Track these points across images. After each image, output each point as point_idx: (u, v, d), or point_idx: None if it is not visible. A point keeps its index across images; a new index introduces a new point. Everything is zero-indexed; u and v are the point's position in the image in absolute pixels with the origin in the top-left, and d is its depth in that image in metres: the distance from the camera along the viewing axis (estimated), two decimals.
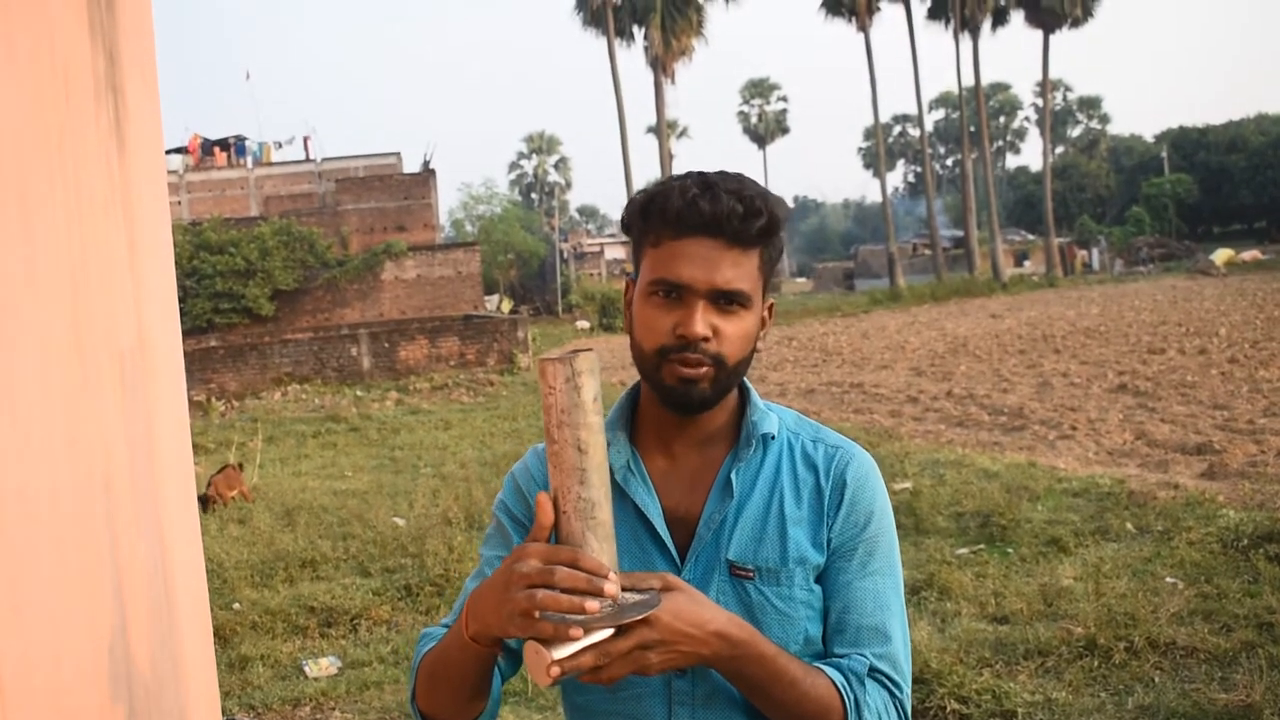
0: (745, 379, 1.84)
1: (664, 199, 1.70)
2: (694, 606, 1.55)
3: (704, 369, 1.68)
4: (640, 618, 1.48)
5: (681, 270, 1.67)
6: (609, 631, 1.46)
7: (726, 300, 1.68)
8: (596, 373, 1.49)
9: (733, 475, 1.77)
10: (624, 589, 1.52)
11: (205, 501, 11.57)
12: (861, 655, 1.73)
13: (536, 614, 1.45)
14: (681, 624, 1.53)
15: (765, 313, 1.80)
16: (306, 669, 6.71)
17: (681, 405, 1.72)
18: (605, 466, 1.51)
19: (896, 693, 1.74)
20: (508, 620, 1.48)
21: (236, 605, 7.92)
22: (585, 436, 1.47)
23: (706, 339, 1.67)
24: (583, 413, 1.47)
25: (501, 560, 1.73)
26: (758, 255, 1.72)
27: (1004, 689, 5.31)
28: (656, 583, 1.55)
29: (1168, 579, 6.90)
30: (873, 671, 1.72)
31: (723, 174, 1.72)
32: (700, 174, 1.72)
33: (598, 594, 1.44)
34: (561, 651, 1.43)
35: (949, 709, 5.24)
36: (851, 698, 1.67)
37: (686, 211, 1.67)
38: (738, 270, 1.68)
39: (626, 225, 1.79)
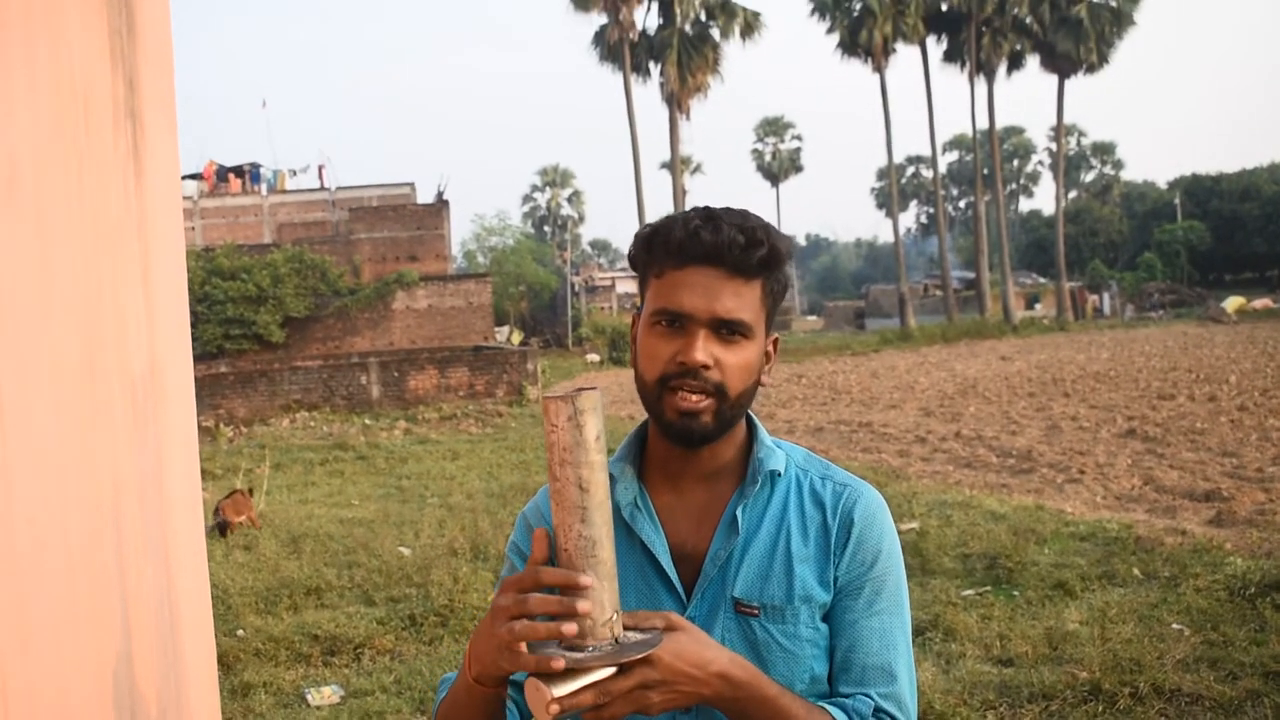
0: (753, 415, 1.86)
1: (667, 230, 1.73)
2: (696, 647, 1.55)
3: (705, 400, 1.69)
4: (641, 656, 1.48)
5: (683, 299, 1.69)
6: (610, 670, 1.46)
7: (728, 330, 1.70)
8: (599, 411, 1.50)
9: (739, 512, 1.78)
10: (627, 628, 1.53)
11: (224, 528, 11.57)
12: (867, 695, 1.72)
13: (520, 647, 1.46)
14: (683, 664, 1.53)
15: (770, 347, 1.82)
16: (309, 697, 6.69)
17: (684, 439, 1.73)
18: (608, 505, 1.51)
19: None
20: (498, 656, 1.49)
21: (240, 632, 7.91)
22: (587, 475, 1.48)
23: (707, 366, 1.68)
24: (585, 451, 1.47)
25: None
26: (760, 287, 1.73)
27: None
28: (660, 622, 1.55)
29: (1174, 625, 6.87)
30: (877, 712, 1.72)
31: (727, 209, 1.74)
32: (705, 207, 1.75)
33: (570, 613, 1.44)
34: (561, 689, 1.43)
35: None
36: None
37: (689, 242, 1.69)
38: (739, 300, 1.70)
39: (633, 259, 1.81)
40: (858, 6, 50.40)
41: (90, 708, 1.68)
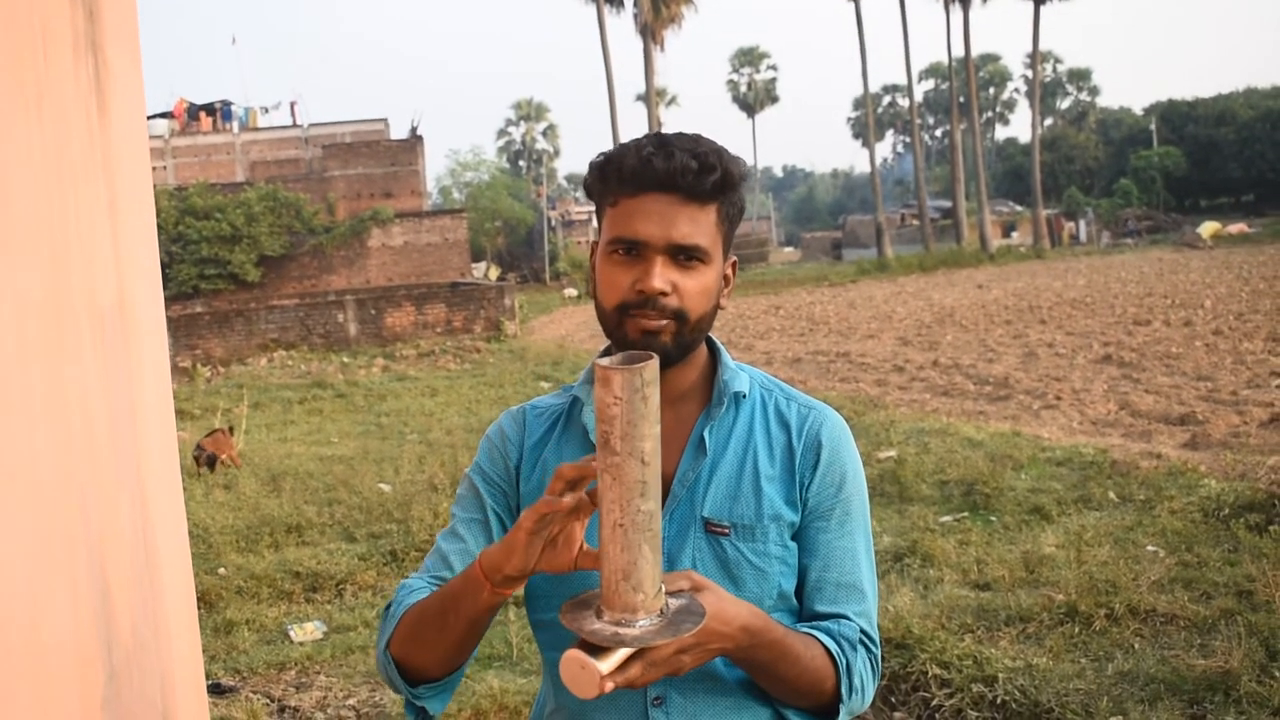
0: (715, 339, 1.87)
1: (620, 159, 1.72)
2: (724, 605, 1.58)
3: (664, 323, 1.69)
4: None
5: (638, 227, 1.69)
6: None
7: (685, 256, 1.70)
8: (658, 383, 1.44)
9: (706, 433, 1.80)
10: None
11: (212, 462, 11.55)
12: (849, 619, 1.78)
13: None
14: (717, 624, 1.55)
15: (728, 270, 1.82)
16: (291, 634, 6.73)
17: None
18: (660, 477, 1.47)
19: (873, 648, 1.81)
20: (524, 548, 1.53)
21: (222, 570, 7.93)
22: (648, 448, 1.43)
23: (665, 293, 1.68)
24: (648, 424, 1.42)
25: (474, 523, 1.82)
26: (715, 211, 1.73)
27: (985, 655, 5.34)
28: (685, 583, 1.57)
29: (1149, 547, 6.95)
30: (860, 635, 1.78)
31: (679, 134, 1.74)
32: (657, 134, 1.74)
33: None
34: (608, 664, 1.43)
35: (930, 674, 5.28)
36: (844, 663, 1.74)
37: (641, 169, 1.69)
38: (695, 225, 1.70)
39: (588, 188, 1.81)
40: None
41: (65, 644, 1.67)
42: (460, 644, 1.69)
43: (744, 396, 1.84)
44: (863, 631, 1.79)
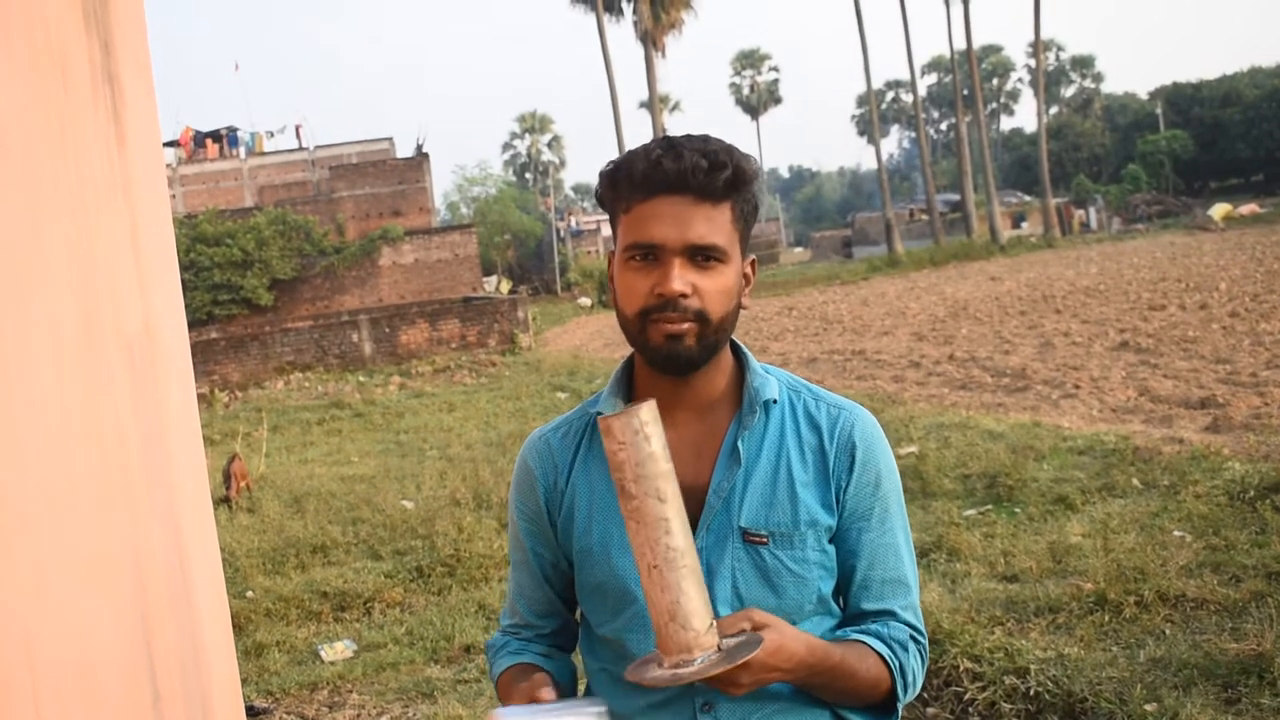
0: (742, 345, 1.86)
1: (630, 164, 1.72)
2: (785, 642, 1.60)
3: (687, 326, 1.68)
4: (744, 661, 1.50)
5: (653, 230, 1.68)
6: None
7: (703, 256, 1.69)
8: (659, 421, 1.49)
9: (740, 442, 1.78)
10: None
11: (228, 479, 11.52)
12: (890, 612, 1.81)
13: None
14: (776, 661, 1.58)
15: (747, 269, 1.81)
16: (322, 653, 6.74)
17: (670, 365, 1.73)
18: (683, 509, 1.50)
19: (920, 639, 1.84)
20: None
21: (250, 593, 7.95)
22: (663, 486, 1.47)
23: (685, 295, 1.67)
24: (656, 462, 1.47)
25: (520, 565, 1.97)
26: (729, 209, 1.72)
27: (1016, 646, 5.33)
28: (746, 624, 1.59)
29: (1175, 532, 6.92)
30: (911, 633, 1.81)
31: (688, 136, 1.74)
32: (665, 137, 1.74)
33: None
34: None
35: (962, 668, 5.26)
36: (897, 664, 1.76)
37: (652, 172, 1.68)
38: (710, 225, 1.69)
39: (600, 197, 1.81)
40: None
41: (113, 668, 1.69)
42: None
43: (774, 402, 1.83)
44: (910, 626, 1.81)
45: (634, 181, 1.70)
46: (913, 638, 1.81)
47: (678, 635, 1.47)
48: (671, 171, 1.67)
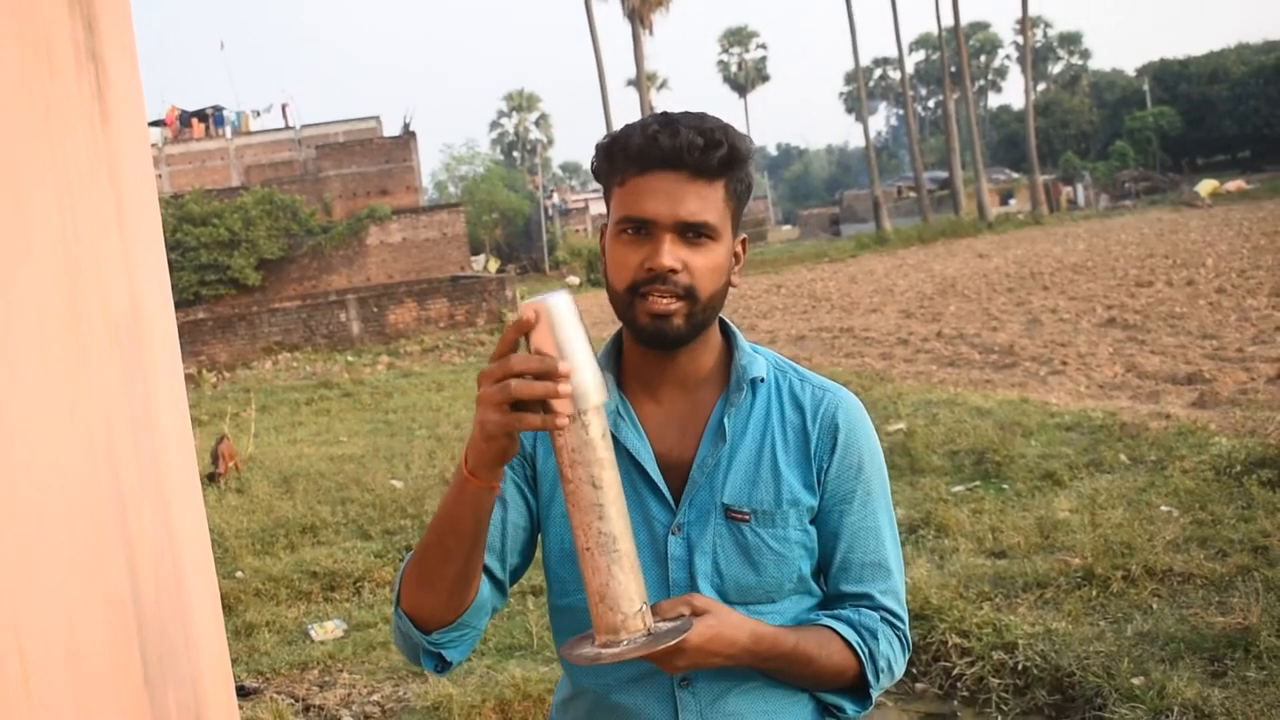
0: (730, 323, 1.87)
1: (626, 138, 1.72)
2: (723, 630, 1.61)
3: (676, 303, 1.69)
4: (674, 643, 1.52)
5: (646, 205, 1.68)
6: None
7: (694, 233, 1.69)
8: (603, 411, 1.52)
9: (726, 419, 1.79)
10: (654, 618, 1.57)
11: (216, 460, 11.48)
12: (873, 598, 1.81)
13: (509, 406, 1.47)
14: (712, 646, 1.60)
15: (738, 248, 1.82)
16: (312, 633, 6.75)
17: (657, 342, 1.73)
18: (622, 498, 1.53)
19: (899, 625, 1.84)
20: (494, 421, 1.49)
21: (239, 573, 7.95)
22: (598, 473, 1.49)
23: (675, 271, 1.67)
24: (593, 450, 1.49)
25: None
26: (723, 187, 1.72)
27: (1004, 622, 5.36)
28: (685, 609, 1.60)
29: (1162, 507, 6.95)
30: (883, 616, 1.81)
31: (685, 112, 1.74)
32: (663, 113, 1.74)
33: (552, 373, 1.45)
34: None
35: (950, 643, 5.30)
36: (865, 652, 1.77)
37: (648, 147, 1.68)
38: (703, 202, 1.69)
39: (595, 170, 1.80)
40: None
41: (103, 649, 1.69)
42: (464, 568, 1.65)
43: (761, 381, 1.83)
44: (886, 610, 1.81)
45: (629, 156, 1.71)
46: (888, 622, 1.81)
47: (606, 616, 1.51)
48: (667, 147, 1.67)
